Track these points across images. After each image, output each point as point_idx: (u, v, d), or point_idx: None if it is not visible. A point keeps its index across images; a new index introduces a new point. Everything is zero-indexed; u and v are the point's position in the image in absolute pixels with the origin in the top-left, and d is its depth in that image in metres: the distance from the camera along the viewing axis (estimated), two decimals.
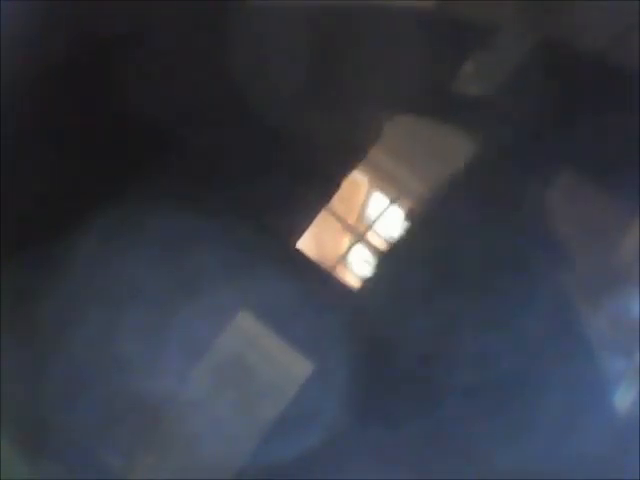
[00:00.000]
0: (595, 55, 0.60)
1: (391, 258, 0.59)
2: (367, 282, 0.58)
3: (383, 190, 0.62)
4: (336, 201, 0.61)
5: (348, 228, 0.62)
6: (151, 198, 0.59)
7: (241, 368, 0.56)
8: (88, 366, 0.55)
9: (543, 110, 0.59)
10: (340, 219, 0.61)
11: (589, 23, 0.60)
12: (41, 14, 0.64)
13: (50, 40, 0.64)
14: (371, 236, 0.61)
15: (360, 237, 0.61)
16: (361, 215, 0.62)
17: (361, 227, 0.61)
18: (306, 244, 0.59)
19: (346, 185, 0.62)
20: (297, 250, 0.59)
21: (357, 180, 0.63)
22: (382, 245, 0.60)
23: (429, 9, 0.65)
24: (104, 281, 0.57)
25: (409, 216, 0.61)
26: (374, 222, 0.61)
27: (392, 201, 0.62)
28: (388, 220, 0.61)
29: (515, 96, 0.58)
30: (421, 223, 0.60)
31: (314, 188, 0.61)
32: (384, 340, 0.55)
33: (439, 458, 0.53)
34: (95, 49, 0.60)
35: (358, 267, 0.60)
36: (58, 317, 0.56)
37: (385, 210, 0.61)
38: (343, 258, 0.60)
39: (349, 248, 0.60)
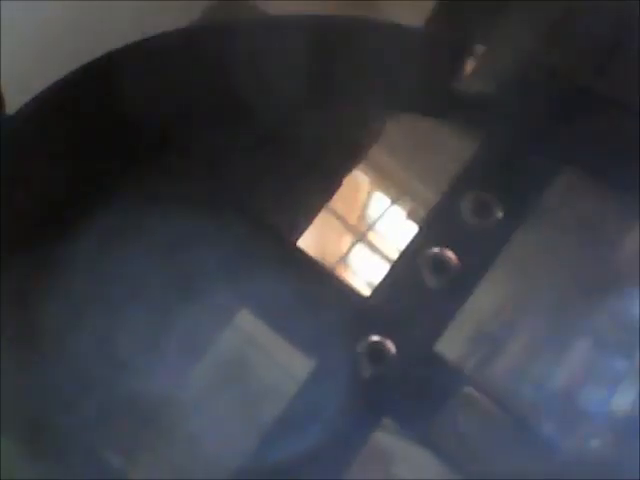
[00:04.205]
0: (595, 55, 0.60)
1: (392, 258, 0.59)
2: (367, 282, 0.58)
3: (384, 190, 0.62)
4: (337, 201, 0.61)
5: (349, 228, 0.62)
6: (151, 198, 0.59)
7: (241, 368, 0.56)
8: (88, 366, 0.55)
9: (543, 110, 0.59)
10: (341, 219, 0.61)
11: (589, 23, 0.60)
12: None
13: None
14: (372, 236, 0.61)
15: (361, 237, 0.61)
16: (362, 215, 0.62)
17: (362, 227, 0.62)
18: (306, 244, 0.59)
19: (347, 185, 0.62)
20: (297, 250, 0.59)
21: (358, 180, 0.63)
22: (383, 245, 0.60)
23: (429, 10, 0.65)
24: (104, 281, 0.57)
25: (409, 216, 0.61)
26: (375, 222, 0.61)
27: (393, 201, 0.62)
28: (389, 220, 0.61)
29: (515, 96, 0.58)
30: (421, 223, 0.60)
31: (315, 188, 0.61)
32: (384, 340, 0.55)
33: (439, 458, 0.53)
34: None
35: (359, 267, 0.60)
36: (58, 318, 0.56)
37: (386, 210, 0.61)
38: (344, 258, 0.60)
39: (350, 248, 0.60)
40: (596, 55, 0.61)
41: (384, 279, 0.58)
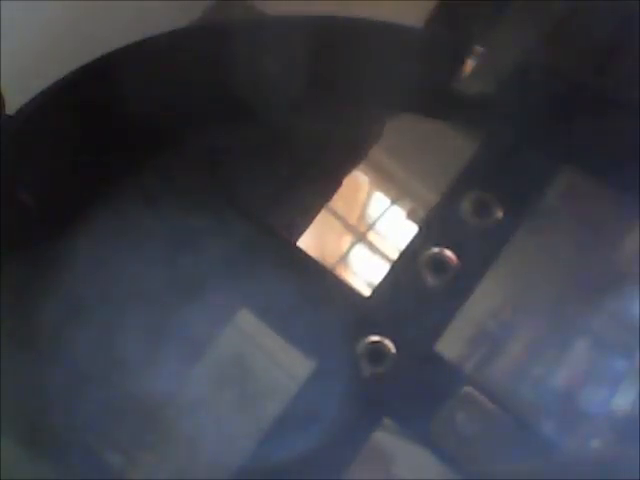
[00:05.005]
0: (595, 56, 0.60)
1: (392, 258, 0.59)
2: (367, 282, 0.58)
3: (384, 190, 0.62)
4: (337, 201, 0.61)
5: (349, 228, 0.62)
6: (151, 198, 0.59)
7: (241, 368, 0.56)
8: (88, 366, 0.55)
9: (543, 110, 0.59)
10: (341, 219, 0.61)
11: (589, 24, 0.60)
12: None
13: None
14: (372, 236, 0.61)
15: (361, 237, 0.61)
16: (362, 215, 0.62)
17: (362, 227, 0.62)
18: (306, 244, 0.59)
19: (347, 185, 0.62)
20: (297, 250, 0.59)
21: (358, 180, 0.63)
22: (383, 245, 0.60)
23: (429, 10, 0.65)
24: (104, 281, 0.57)
25: (409, 216, 0.61)
26: (375, 222, 0.61)
27: (393, 201, 0.62)
28: (389, 220, 0.61)
29: (515, 96, 0.58)
30: (421, 223, 0.60)
31: (315, 188, 0.61)
32: (384, 340, 0.56)
33: (439, 458, 0.53)
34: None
35: (359, 267, 0.60)
36: (58, 317, 0.56)
37: (386, 210, 0.61)
38: (344, 258, 0.60)
39: (350, 248, 0.60)
40: (596, 55, 0.61)
41: (384, 279, 0.58)
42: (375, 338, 0.56)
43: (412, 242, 0.59)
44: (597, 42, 0.61)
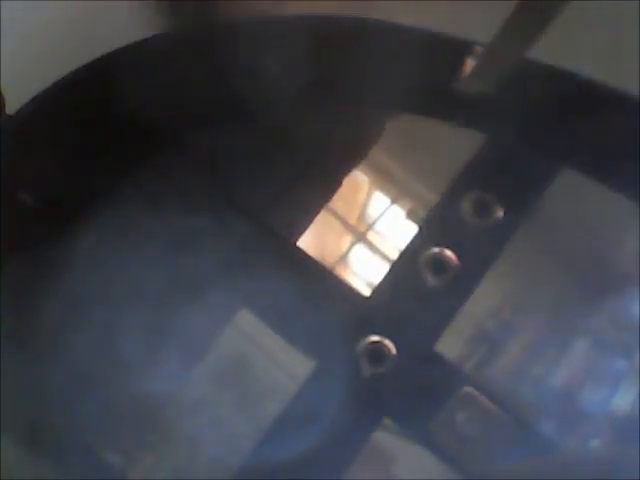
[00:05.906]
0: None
1: (392, 258, 0.59)
2: (367, 282, 0.58)
3: (384, 190, 0.62)
4: (337, 201, 0.61)
5: (349, 228, 0.62)
6: (151, 198, 0.59)
7: (241, 368, 0.56)
8: (88, 366, 0.55)
9: (543, 110, 0.59)
10: (341, 219, 0.61)
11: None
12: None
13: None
14: (372, 236, 0.61)
15: (361, 237, 0.61)
16: (362, 215, 0.62)
17: (362, 227, 0.62)
18: (306, 243, 0.59)
19: (347, 185, 0.62)
20: (297, 250, 0.59)
21: (358, 180, 0.63)
22: (383, 245, 0.60)
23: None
24: (104, 281, 0.57)
25: (409, 216, 0.61)
26: (374, 222, 0.61)
27: (393, 201, 0.62)
28: (389, 220, 0.61)
29: (515, 96, 0.58)
30: (421, 223, 0.60)
31: (315, 188, 0.61)
32: (384, 340, 0.56)
33: (439, 458, 0.53)
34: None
35: (359, 267, 0.60)
36: (58, 317, 0.56)
37: (386, 210, 0.61)
38: (344, 258, 0.60)
39: (350, 248, 0.60)
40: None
41: (384, 279, 0.58)
42: (375, 338, 0.56)
43: (412, 242, 0.59)
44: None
